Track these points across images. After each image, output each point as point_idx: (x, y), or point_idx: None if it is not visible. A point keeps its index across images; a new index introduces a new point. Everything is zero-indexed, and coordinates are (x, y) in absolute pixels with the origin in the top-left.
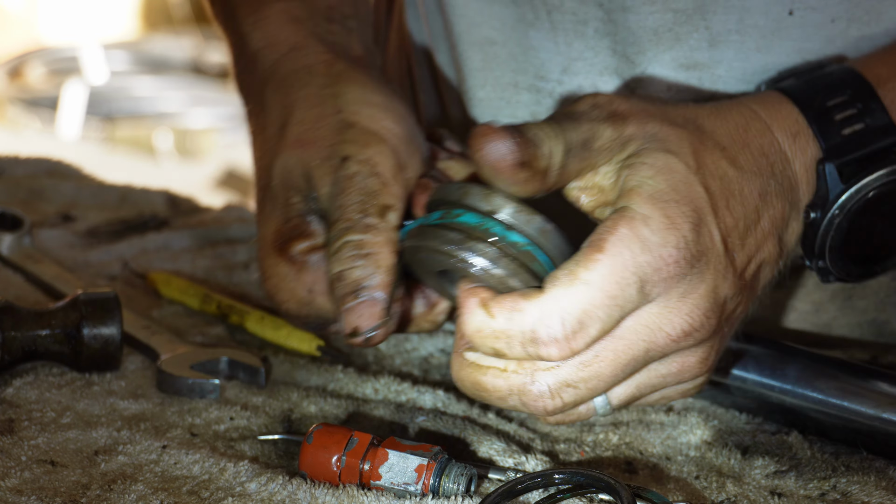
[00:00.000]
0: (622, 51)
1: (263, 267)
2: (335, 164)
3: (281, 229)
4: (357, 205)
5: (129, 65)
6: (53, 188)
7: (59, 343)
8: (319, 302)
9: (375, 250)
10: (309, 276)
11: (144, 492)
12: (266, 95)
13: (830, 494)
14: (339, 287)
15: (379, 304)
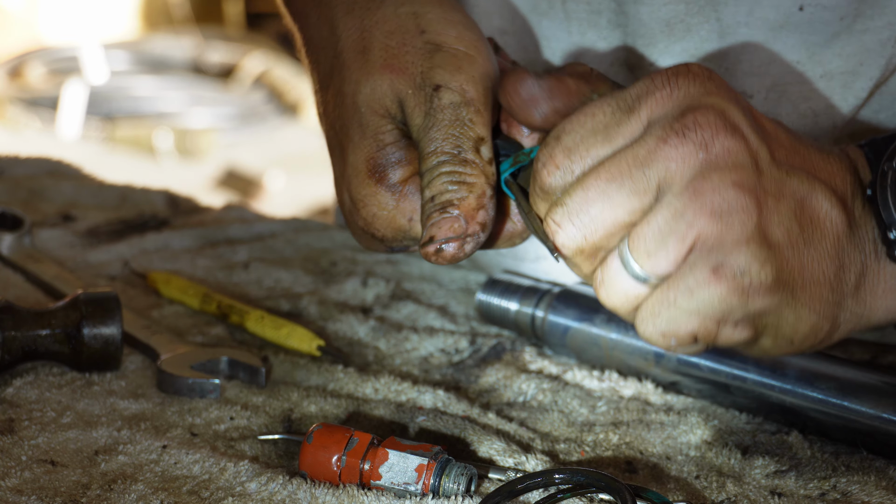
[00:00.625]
0: (633, 41)
1: (359, 195)
2: (428, 94)
3: (375, 156)
4: (452, 138)
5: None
6: (53, 188)
7: (60, 343)
8: (418, 229)
9: (471, 180)
10: (409, 204)
11: (144, 491)
12: (336, 18)
13: (830, 494)
14: (429, 207)
15: (460, 222)
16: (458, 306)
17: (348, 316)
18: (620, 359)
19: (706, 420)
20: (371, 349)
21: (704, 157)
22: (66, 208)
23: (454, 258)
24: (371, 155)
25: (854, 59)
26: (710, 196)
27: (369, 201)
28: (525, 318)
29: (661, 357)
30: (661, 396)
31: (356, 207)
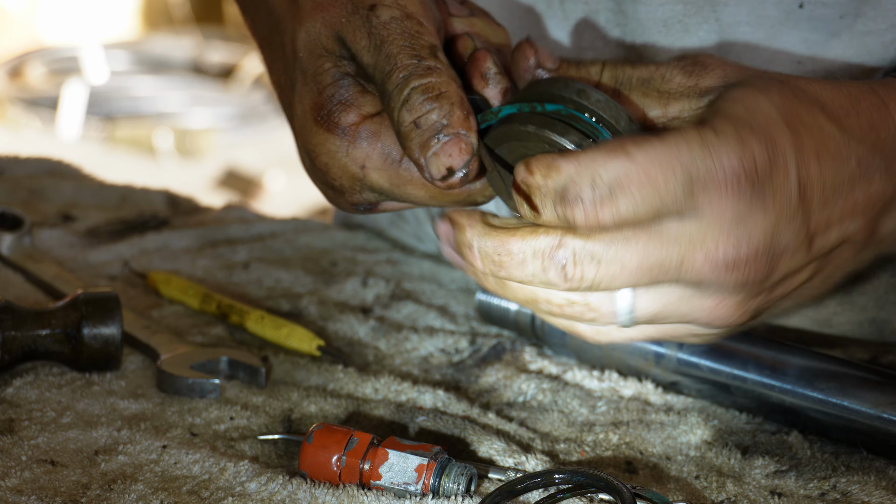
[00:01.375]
0: (632, 41)
1: (310, 145)
2: (364, 15)
3: (318, 100)
4: (407, 49)
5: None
6: (54, 188)
7: (60, 343)
8: (373, 177)
9: (444, 89)
10: (360, 151)
11: (144, 491)
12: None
13: (830, 494)
14: (417, 135)
15: (465, 139)
16: (458, 306)
17: (348, 316)
18: (620, 359)
19: (706, 420)
20: (371, 349)
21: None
22: (66, 208)
23: (474, 177)
24: (315, 100)
25: (856, 61)
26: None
27: (320, 150)
28: (525, 318)
29: (661, 357)
30: (661, 396)
31: (311, 158)
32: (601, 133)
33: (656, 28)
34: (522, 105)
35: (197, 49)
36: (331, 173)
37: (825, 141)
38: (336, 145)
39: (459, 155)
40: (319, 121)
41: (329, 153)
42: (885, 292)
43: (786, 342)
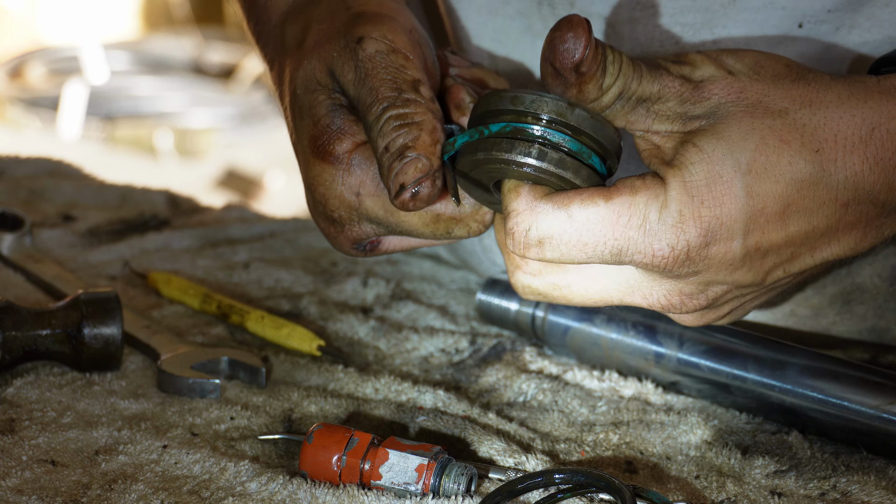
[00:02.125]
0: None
1: (309, 178)
2: (352, 48)
3: (314, 133)
4: (388, 82)
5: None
6: (54, 188)
7: (60, 343)
8: (368, 205)
9: (418, 119)
10: (354, 177)
11: (145, 491)
12: (285, 30)
13: (830, 494)
14: (386, 159)
15: (422, 161)
16: (458, 306)
17: (348, 316)
18: (620, 359)
19: (706, 420)
20: (371, 349)
21: (668, 309)
22: (67, 208)
23: (430, 197)
24: (311, 132)
25: (851, 72)
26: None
27: (318, 181)
28: (525, 318)
29: (661, 357)
30: (661, 396)
31: (311, 192)
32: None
33: (653, 49)
34: (472, 132)
35: (197, 49)
36: (329, 204)
37: (799, 195)
38: (332, 174)
39: (413, 173)
40: (316, 152)
41: (326, 183)
42: (884, 301)
43: (786, 342)
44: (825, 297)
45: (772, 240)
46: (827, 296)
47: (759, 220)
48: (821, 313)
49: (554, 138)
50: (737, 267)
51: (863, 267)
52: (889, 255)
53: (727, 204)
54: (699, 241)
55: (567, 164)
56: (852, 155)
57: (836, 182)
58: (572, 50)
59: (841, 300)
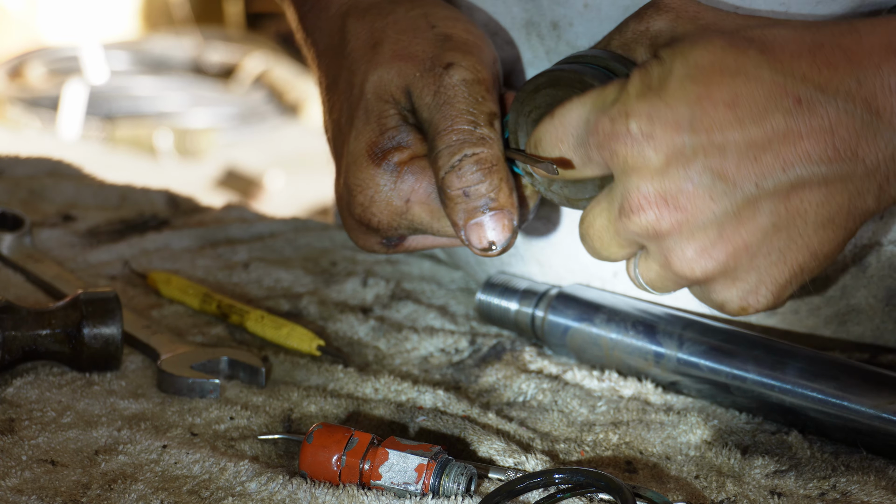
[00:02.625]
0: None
1: (356, 180)
2: (438, 73)
3: (377, 140)
4: (467, 114)
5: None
6: (54, 188)
7: (60, 343)
8: (416, 211)
9: (495, 164)
10: (406, 185)
11: (145, 491)
12: (348, 25)
13: (830, 494)
14: (464, 203)
15: (509, 217)
16: (458, 306)
17: (348, 316)
18: (620, 359)
19: (706, 420)
20: (371, 349)
21: (655, 233)
22: (67, 208)
23: (510, 246)
24: (373, 139)
25: None
26: (681, 262)
27: (367, 184)
28: (525, 318)
29: (661, 357)
30: (661, 396)
31: (352, 195)
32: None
33: None
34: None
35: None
36: (373, 208)
37: (746, 88)
38: (385, 180)
39: (503, 232)
40: (372, 157)
41: (376, 187)
42: (881, 322)
43: (786, 343)
44: (820, 319)
45: (723, 128)
46: (822, 317)
47: (705, 104)
48: (816, 333)
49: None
50: (689, 158)
51: (857, 289)
52: (885, 277)
53: (672, 90)
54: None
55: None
56: (801, 60)
57: (785, 78)
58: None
59: (836, 321)
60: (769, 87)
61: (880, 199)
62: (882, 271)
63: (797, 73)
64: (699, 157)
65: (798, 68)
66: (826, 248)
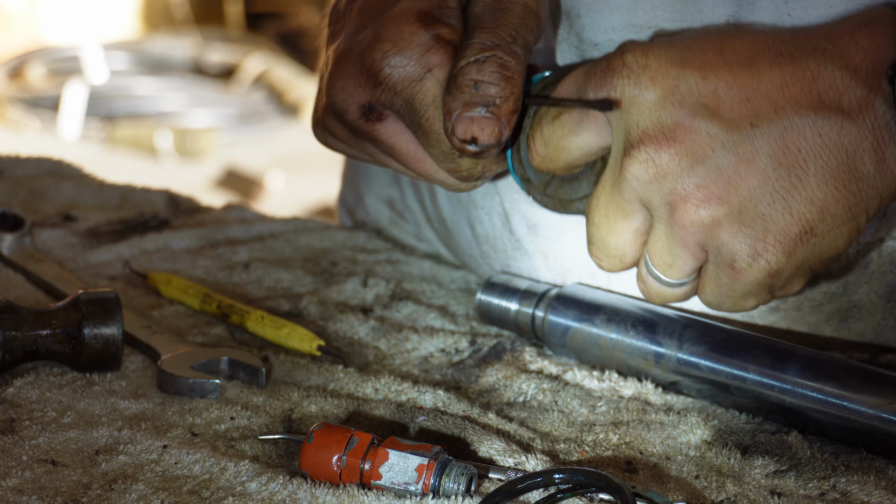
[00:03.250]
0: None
1: (394, 29)
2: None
3: (432, 9)
4: (513, 28)
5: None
6: (54, 188)
7: (60, 343)
8: (428, 85)
9: (516, 78)
10: (435, 58)
11: (145, 491)
12: None
13: (830, 494)
14: (469, 93)
15: (501, 126)
16: (458, 306)
17: (348, 316)
18: (620, 359)
19: (706, 420)
20: (371, 349)
21: (656, 171)
22: (67, 208)
23: (488, 156)
24: (429, 6)
25: None
26: (685, 207)
27: (401, 37)
28: (525, 319)
29: (661, 357)
30: (661, 396)
31: (380, 40)
32: None
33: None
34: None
35: (197, 49)
36: (393, 60)
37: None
38: (421, 41)
39: (490, 135)
40: (421, 18)
41: (410, 44)
42: (882, 318)
43: (786, 342)
44: (822, 315)
45: (714, 68)
46: (824, 313)
47: (693, 49)
48: (818, 330)
49: None
50: (684, 94)
51: (859, 285)
52: (886, 272)
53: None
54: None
55: None
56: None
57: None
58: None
59: (838, 318)
60: (750, 42)
61: (880, 168)
62: (884, 267)
63: (776, 36)
64: (693, 94)
65: (777, 34)
66: (833, 209)
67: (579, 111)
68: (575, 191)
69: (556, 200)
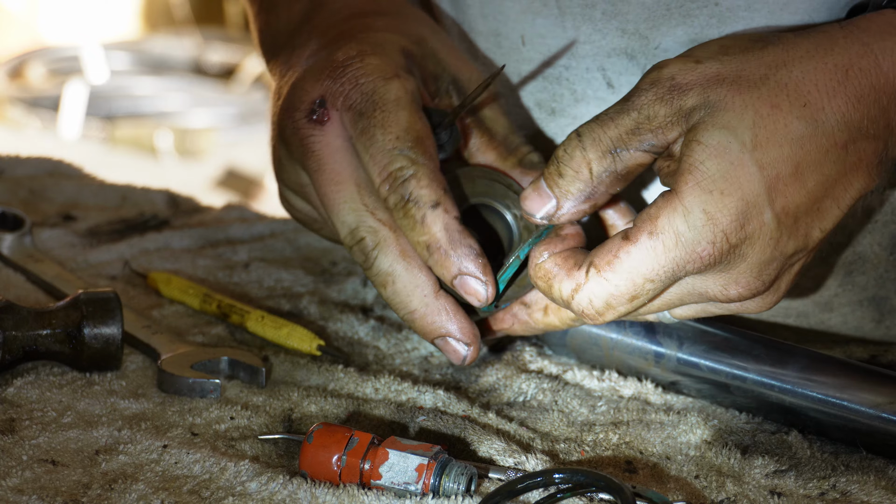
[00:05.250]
0: (633, 29)
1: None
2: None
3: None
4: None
5: (130, 65)
6: (54, 188)
7: (60, 343)
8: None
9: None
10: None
11: (145, 491)
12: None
13: (830, 494)
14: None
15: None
16: None
17: (348, 316)
18: (620, 359)
19: (706, 420)
20: (371, 349)
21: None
22: (67, 208)
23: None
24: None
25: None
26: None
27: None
28: None
29: (661, 357)
30: (661, 396)
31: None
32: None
33: (660, 12)
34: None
35: (197, 49)
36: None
37: (803, 150)
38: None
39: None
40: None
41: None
42: (885, 271)
43: (786, 342)
44: (828, 267)
45: (796, 201)
46: (830, 265)
47: (777, 186)
48: (823, 285)
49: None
50: (777, 238)
51: (864, 236)
52: (888, 223)
53: (745, 184)
54: (733, 226)
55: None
56: (835, 99)
57: (830, 128)
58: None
59: (843, 270)
60: (821, 142)
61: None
62: (886, 216)
63: (837, 115)
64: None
65: (836, 109)
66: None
67: None
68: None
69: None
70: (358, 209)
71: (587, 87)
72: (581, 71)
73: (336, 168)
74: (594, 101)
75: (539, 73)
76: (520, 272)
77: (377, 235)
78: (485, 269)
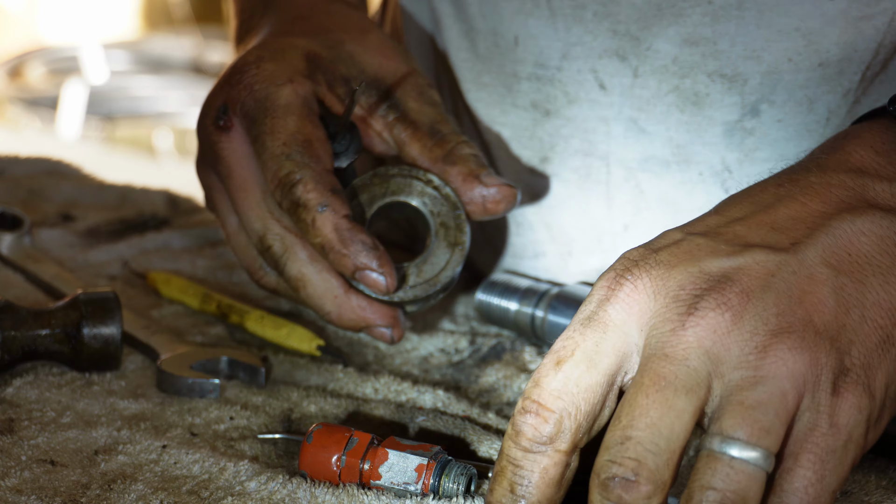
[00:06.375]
0: (624, 30)
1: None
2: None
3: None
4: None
5: (129, 65)
6: (53, 188)
7: (59, 343)
8: (287, 90)
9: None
10: (304, 84)
11: (144, 491)
12: None
13: None
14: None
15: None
16: (458, 306)
17: None
18: None
19: None
20: (371, 349)
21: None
22: (66, 208)
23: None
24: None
25: (850, 46)
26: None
27: (283, 58)
28: (525, 318)
29: None
30: None
31: (259, 54)
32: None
33: (651, 12)
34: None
35: (197, 49)
36: (265, 64)
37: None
38: (297, 67)
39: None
40: (308, 59)
41: (286, 62)
42: None
43: None
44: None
45: (739, 224)
46: None
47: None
48: None
49: None
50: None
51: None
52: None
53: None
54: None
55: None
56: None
57: (754, 187)
58: None
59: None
60: (740, 196)
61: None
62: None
63: (772, 175)
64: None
65: (772, 175)
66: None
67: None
68: (434, 267)
69: (421, 287)
70: (264, 216)
71: (579, 88)
72: (573, 72)
73: (243, 174)
74: (586, 103)
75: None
76: (445, 266)
77: (284, 242)
78: (381, 261)
